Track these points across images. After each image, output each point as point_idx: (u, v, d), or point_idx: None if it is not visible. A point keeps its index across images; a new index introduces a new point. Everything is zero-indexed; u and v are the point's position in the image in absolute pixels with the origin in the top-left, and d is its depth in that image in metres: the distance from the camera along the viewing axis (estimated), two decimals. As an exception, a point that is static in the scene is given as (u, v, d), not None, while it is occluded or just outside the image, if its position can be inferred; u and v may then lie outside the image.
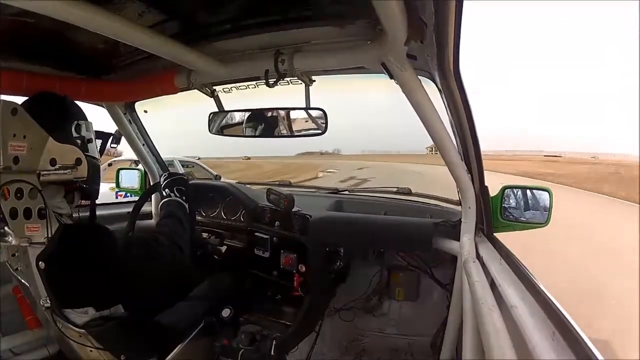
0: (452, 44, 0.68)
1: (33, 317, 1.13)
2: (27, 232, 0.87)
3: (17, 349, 1.21)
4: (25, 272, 0.91)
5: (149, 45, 0.86)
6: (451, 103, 0.93)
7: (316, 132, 1.09)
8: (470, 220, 1.13)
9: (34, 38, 0.93)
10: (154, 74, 1.16)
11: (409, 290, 1.53)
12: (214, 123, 1.24)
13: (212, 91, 1.15)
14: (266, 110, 1.16)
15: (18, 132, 0.85)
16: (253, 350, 1.17)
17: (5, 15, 0.78)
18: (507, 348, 0.55)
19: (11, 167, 0.85)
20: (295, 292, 1.33)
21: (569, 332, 0.50)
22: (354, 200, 1.63)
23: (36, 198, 0.87)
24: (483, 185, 1.11)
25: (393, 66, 0.81)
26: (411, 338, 1.54)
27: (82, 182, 0.95)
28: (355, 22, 0.81)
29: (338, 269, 1.38)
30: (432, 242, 1.22)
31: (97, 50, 1.04)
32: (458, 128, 1.01)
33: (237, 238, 1.47)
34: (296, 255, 1.33)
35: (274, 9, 0.83)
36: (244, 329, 1.27)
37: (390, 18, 0.64)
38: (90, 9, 0.70)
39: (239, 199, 1.53)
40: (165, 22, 0.89)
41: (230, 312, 1.20)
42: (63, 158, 0.90)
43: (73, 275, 0.86)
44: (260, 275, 1.43)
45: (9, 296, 1.14)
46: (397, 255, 1.50)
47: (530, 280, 0.71)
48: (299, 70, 0.92)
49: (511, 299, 0.66)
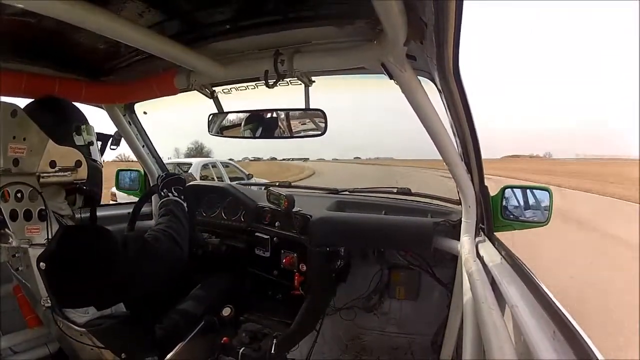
0: (452, 44, 0.68)
1: (33, 316, 1.13)
2: (27, 234, 0.87)
3: (17, 348, 1.21)
4: (25, 272, 0.91)
5: (148, 46, 0.86)
6: (451, 103, 0.93)
7: (315, 132, 1.09)
8: (470, 219, 1.13)
9: (33, 39, 0.93)
10: (154, 75, 1.16)
11: (410, 289, 1.54)
12: (213, 124, 1.24)
13: (212, 92, 1.15)
14: (265, 112, 1.16)
15: (18, 134, 0.85)
16: (253, 348, 1.17)
17: (4, 15, 0.78)
18: (507, 347, 0.55)
19: (11, 169, 0.85)
20: (295, 291, 1.33)
21: (569, 332, 0.51)
22: (354, 200, 1.63)
23: (36, 200, 0.87)
24: (483, 184, 1.11)
25: (393, 66, 0.81)
26: (412, 337, 1.54)
27: (82, 184, 0.95)
28: (355, 23, 0.81)
29: (338, 268, 1.38)
30: (432, 241, 1.23)
31: (97, 51, 1.04)
32: (458, 128, 1.01)
33: (237, 238, 1.47)
34: (296, 254, 1.34)
35: (273, 9, 0.83)
36: (245, 327, 1.27)
37: (390, 18, 0.64)
38: (90, 9, 0.70)
39: (239, 200, 1.53)
40: (164, 22, 0.88)
41: (231, 311, 1.20)
42: (63, 160, 0.90)
43: (73, 276, 0.86)
44: (261, 274, 1.43)
45: (9, 295, 1.14)
46: (398, 254, 1.50)
47: (530, 279, 0.72)
48: (298, 70, 0.92)
49: (512, 298, 0.66)
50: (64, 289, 0.87)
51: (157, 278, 0.99)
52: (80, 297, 0.90)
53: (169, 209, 1.10)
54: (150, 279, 0.97)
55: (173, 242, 1.00)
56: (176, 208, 1.11)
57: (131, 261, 0.92)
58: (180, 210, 1.12)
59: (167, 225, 1.04)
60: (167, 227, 1.03)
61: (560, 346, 0.49)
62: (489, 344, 0.58)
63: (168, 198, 1.15)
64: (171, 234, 1.01)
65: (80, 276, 0.86)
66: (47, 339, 1.24)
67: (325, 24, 0.84)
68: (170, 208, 1.11)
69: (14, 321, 1.17)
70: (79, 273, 0.86)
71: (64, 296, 0.88)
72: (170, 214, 1.08)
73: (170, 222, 1.05)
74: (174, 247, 1.00)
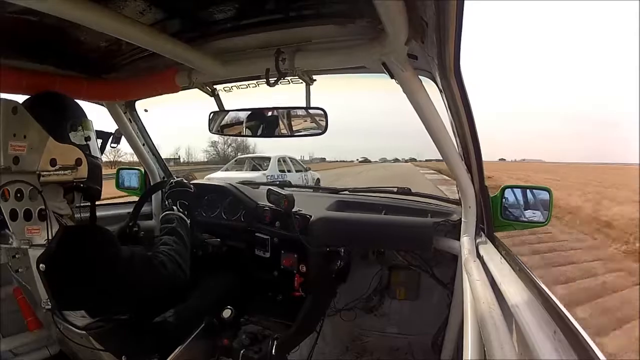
0: (453, 44, 0.68)
1: (33, 318, 1.13)
2: (27, 234, 0.87)
3: (18, 350, 1.21)
4: (25, 274, 0.90)
5: (149, 44, 0.86)
6: (452, 103, 0.93)
7: (316, 131, 1.09)
8: (470, 219, 1.13)
9: (34, 36, 0.93)
10: (155, 73, 1.16)
11: (410, 289, 1.53)
12: (214, 122, 1.24)
13: (213, 90, 1.15)
14: (266, 110, 1.16)
15: (18, 131, 0.85)
16: (254, 350, 1.17)
17: (5, 13, 0.78)
18: (508, 347, 0.55)
19: (11, 167, 0.84)
20: (295, 292, 1.33)
21: (569, 331, 0.51)
22: (354, 200, 1.63)
23: (36, 199, 0.87)
24: (483, 184, 1.11)
25: (394, 66, 0.81)
26: (412, 337, 1.54)
27: (82, 183, 0.94)
28: (356, 22, 0.81)
29: (338, 268, 1.37)
30: (432, 241, 1.23)
31: (98, 48, 1.04)
32: (458, 128, 1.01)
33: (237, 238, 1.47)
34: (296, 255, 1.33)
35: (275, 7, 0.83)
36: (245, 329, 1.27)
37: (391, 17, 0.64)
38: (91, 7, 0.70)
39: (239, 200, 1.53)
40: (166, 20, 0.88)
41: (231, 312, 1.20)
42: (63, 158, 0.90)
43: (73, 278, 0.85)
44: (261, 275, 1.43)
45: (10, 297, 1.14)
46: (398, 254, 1.50)
47: (531, 279, 0.72)
48: (299, 69, 0.92)
49: (512, 298, 0.66)
50: (64, 290, 0.87)
51: (156, 294, 0.99)
52: (79, 299, 0.89)
53: (174, 227, 1.08)
54: (149, 295, 0.97)
55: (177, 267, 0.99)
56: (180, 226, 1.09)
57: (134, 278, 0.91)
58: (184, 228, 1.10)
59: (172, 248, 1.02)
60: (172, 251, 1.01)
61: (560, 346, 0.49)
62: (490, 344, 0.58)
63: (172, 212, 1.12)
64: (176, 259, 0.99)
65: (80, 278, 0.85)
66: (47, 341, 1.24)
67: (327, 22, 0.84)
68: (175, 227, 1.08)
69: (15, 324, 1.17)
70: (79, 274, 0.85)
71: (63, 298, 0.88)
72: (175, 235, 1.06)
73: (176, 244, 1.03)
74: (178, 271, 0.99)
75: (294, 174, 8.70)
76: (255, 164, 8.89)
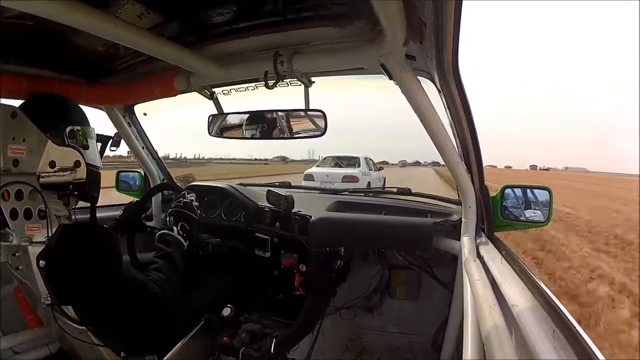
0: (452, 44, 0.68)
1: (34, 316, 1.13)
2: (27, 232, 0.88)
3: (18, 348, 1.21)
4: (25, 271, 0.91)
5: (148, 48, 0.86)
6: (451, 103, 0.93)
7: (315, 133, 1.10)
8: (470, 219, 1.13)
9: (33, 41, 0.93)
10: (153, 77, 1.16)
11: (410, 289, 1.54)
12: (213, 125, 1.24)
13: (212, 93, 1.16)
14: (265, 112, 1.16)
15: (17, 135, 0.86)
16: (254, 348, 1.17)
17: (4, 18, 0.78)
18: (507, 346, 0.55)
19: (11, 169, 0.85)
20: (296, 291, 1.33)
21: (569, 331, 0.51)
22: (354, 200, 1.63)
23: (36, 199, 0.88)
24: (483, 184, 1.11)
25: (392, 67, 0.81)
26: (412, 337, 1.54)
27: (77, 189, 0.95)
28: (354, 23, 0.81)
29: (338, 268, 1.38)
30: (432, 242, 1.23)
31: (96, 52, 1.04)
32: (458, 128, 1.01)
33: (237, 239, 1.47)
34: (296, 255, 1.34)
35: (273, 10, 0.84)
36: (245, 327, 1.27)
37: (389, 18, 0.64)
38: (89, 11, 0.70)
39: (239, 200, 1.53)
40: (164, 24, 0.89)
41: (231, 311, 1.20)
42: (62, 160, 0.90)
43: (72, 273, 0.85)
44: (261, 275, 1.43)
45: (10, 296, 1.15)
46: (398, 254, 1.50)
47: (530, 279, 0.72)
48: (298, 71, 0.92)
49: (512, 298, 0.66)
50: (63, 285, 0.87)
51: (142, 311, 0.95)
52: (78, 294, 0.89)
53: (169, 254, 1.05)
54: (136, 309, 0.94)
55: (171, 293, 0.98)
56: (176, 252, 1.07)
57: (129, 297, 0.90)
58: (179, 254, 1.08)
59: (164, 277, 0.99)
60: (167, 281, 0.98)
61: (560, 346, 0.49)
62: (490, 343, 0.58)
63: (171, 234, 1.11)
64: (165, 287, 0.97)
65: (79, 273, 0.85)
66: (47, 339, 1.24)
67: (325, 24, 0.84)
68: (171, 253, 1.06)
69: (15, 322, 1.17)
70: (78, 270, 0.85)
71: (63, 293, 0.88)
72: (169, 261, 1.04)
73: (168, 272, 1.01)
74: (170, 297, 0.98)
75: (375, 172, 9.26)
76: (337, 162, 9.33)
